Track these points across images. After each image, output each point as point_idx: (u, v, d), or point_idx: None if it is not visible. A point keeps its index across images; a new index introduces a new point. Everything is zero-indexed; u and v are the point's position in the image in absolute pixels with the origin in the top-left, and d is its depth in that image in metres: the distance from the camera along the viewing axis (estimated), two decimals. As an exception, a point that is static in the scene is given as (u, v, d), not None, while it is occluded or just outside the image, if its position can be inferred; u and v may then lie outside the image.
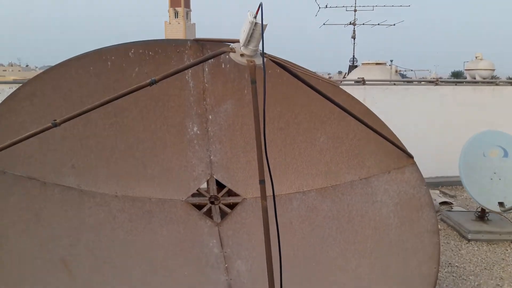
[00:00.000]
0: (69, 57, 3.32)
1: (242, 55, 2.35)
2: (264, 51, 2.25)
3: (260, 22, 2.14)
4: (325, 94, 2.85)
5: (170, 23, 75.03)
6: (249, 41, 2.27)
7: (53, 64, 3.35)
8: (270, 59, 2.59)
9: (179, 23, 74.43)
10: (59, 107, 3.04)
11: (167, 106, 3.52)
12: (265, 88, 2.10)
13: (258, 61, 2.33)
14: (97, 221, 2.63)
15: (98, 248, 2.47)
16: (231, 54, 2.39)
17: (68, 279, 2.21)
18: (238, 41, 2.35)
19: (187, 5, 76.41)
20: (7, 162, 2.55)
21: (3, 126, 2.72)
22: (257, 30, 2.20)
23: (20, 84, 3.05)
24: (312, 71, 3.92)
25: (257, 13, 2.16)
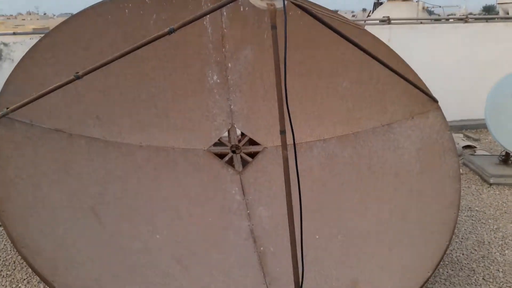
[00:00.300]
0: (85, 4, 3.29)
1: (262, -2, 2.26)
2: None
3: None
4: (348, 37, 2.75)
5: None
6: (269, -17, 2.17)
7: (70, 12, 3.32)
8: (292, 2, 2.48)
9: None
10: (80, 58, 3.05)
11: (186, 54, 3.48)
12: (286, 35, 2.04)
13: (279, 4, 2.24)
14: (124, 171, 2.72)
15: (126, 197, 2.58)
16: (250, -2, 2.31)
17: (98, 226, 2.34)
18: (255, -14, 2.26)
19: None
20: (34, 115, 2.63)
21: (28, 78, 2.76)
22: (278, -28, 2.10)
23: (40, 35, 3.07)
24: (334, 12, 3.77)
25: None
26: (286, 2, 2.18)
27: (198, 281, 2.34)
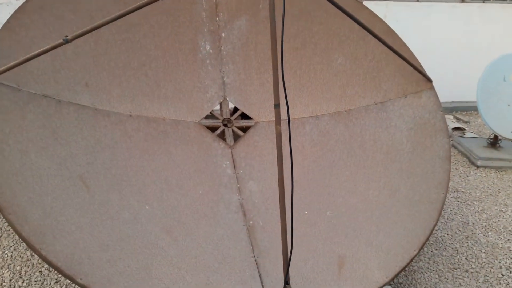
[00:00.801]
0: None
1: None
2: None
3: None
4: (345, 10, 2.68)
5: None
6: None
7: None
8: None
9: None
10: (69, 21, 2.95)
11: (178, 22, 3.38)
12: (284, 5, 1.98)
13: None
14: (113, 140, 2.67)
15: (115, 167, 2.54)
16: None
17: (86, 195, 2.31)
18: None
19: None
20: (21, 79, 2.54)
21: (14, 41, 2.66)
22: None
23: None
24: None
25: None
26: (285, -28, 2.10)
27: (186, 252, 2.35)
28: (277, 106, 2.07)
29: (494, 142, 5.12)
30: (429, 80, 3.24)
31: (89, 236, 2.13)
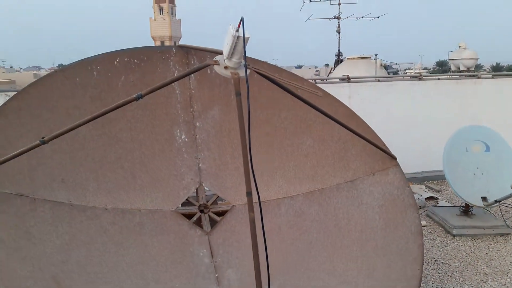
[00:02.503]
0: (51, 57, 3.33)
1: (226, 67, 2.39)
2: (247, 63, 2.29)
3: (242, 36, 2.19)
4: (308, 101, 2.90)
5: (155, 20, 74.27)
6: (232, 53, 2.31)
7: (37, 65, 3.35)
8: (255, 71, 2.63)
9: (164, 19, 73.70)
10: (46, 119, 3.05)
11: (154, 115, 3.54)
12: (249, 104, 2.14)
13: (242, 72, 2.37)
14: (88, 235, 2.66)
15: (90, 264, 2.50)
16: (215, 67, 2.43)
17: (61, 296, 2.24)
18: (221, 52, 2.39)
19: (171, 1, 75.71)
20: (-4, 180, 2.57)
21: (-10, 143, 2.72)
22: (240, 43, 2.24)
23: (4, 93, 3.05)
24: (295, 76, 3.97)
25: (239, 26, 2.20)
26: (248, 71, 2.31)
27: None
28: (249, 194, 2.15)
29: (466, 210, 5.27)
30: (393, 157, 3.42)
31: None
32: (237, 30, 2.20)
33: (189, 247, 2.95)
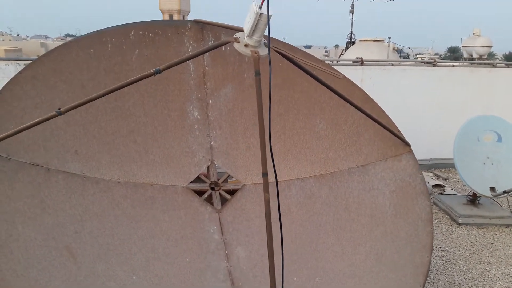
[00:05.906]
0: (59, 26, 3.29)
1: (246, 45, 2.34)
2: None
3: (267, 13, 2.14)
4: (326, 83, 2.86)
5: (164, -9, 73.25)
6: (253, 31, 2.26)
7: (44, 34, 3.32)
8: (276, 50, 2.58)
9: (174, -8, 72.65)
10: (61, 91, 3.04)
11: (167, 90, 3.52)
12: (270, 84, 2.11)
13: (262, 51, 2.33)
14: (101, 208, 2.68)
15: (102, 235, 2.53)
16: (235, 44, 2.39)
17: (73, 266, 2.28)
18: (237, 28, 2.34)
19: (182, -28, 74.42)
20: (11, 149, 2.58)
21: (6, 111, 2.72)
22: (262, 21, 2.19)
23: (16, 61, 3.03)
24: (314, 58, 3.91)
25: (262, 3, 2.14)
26: (269, 50, 2.27)
27: (174, 324, 2.30)
28: (265, 174, 2.14)
29: (473, 199, 5.27)
30: (407, 144, 3.39)
31: (74, 310, 2.08)
32: (260, 7, 2.14)
33: (200, 223, 2.97)
